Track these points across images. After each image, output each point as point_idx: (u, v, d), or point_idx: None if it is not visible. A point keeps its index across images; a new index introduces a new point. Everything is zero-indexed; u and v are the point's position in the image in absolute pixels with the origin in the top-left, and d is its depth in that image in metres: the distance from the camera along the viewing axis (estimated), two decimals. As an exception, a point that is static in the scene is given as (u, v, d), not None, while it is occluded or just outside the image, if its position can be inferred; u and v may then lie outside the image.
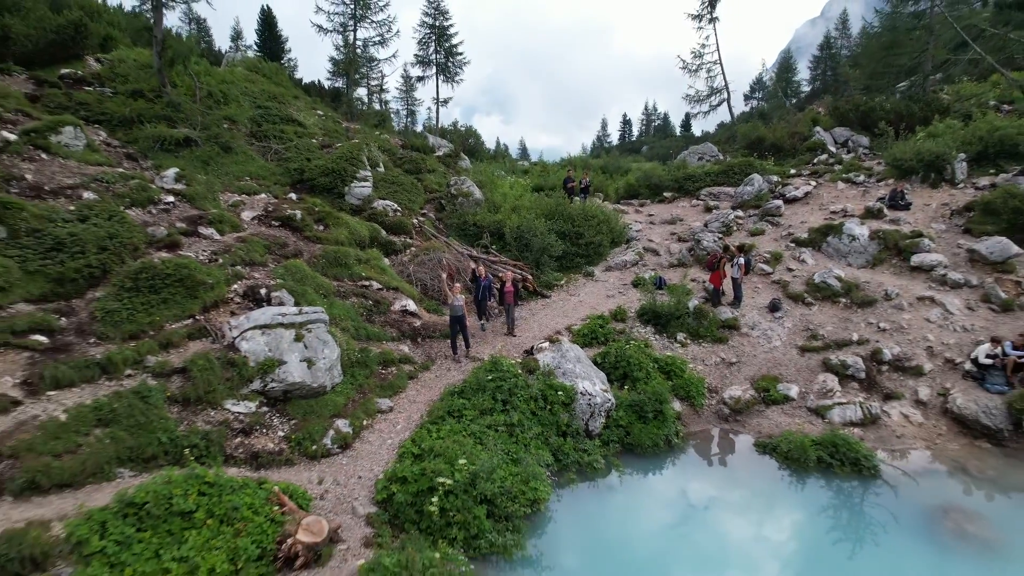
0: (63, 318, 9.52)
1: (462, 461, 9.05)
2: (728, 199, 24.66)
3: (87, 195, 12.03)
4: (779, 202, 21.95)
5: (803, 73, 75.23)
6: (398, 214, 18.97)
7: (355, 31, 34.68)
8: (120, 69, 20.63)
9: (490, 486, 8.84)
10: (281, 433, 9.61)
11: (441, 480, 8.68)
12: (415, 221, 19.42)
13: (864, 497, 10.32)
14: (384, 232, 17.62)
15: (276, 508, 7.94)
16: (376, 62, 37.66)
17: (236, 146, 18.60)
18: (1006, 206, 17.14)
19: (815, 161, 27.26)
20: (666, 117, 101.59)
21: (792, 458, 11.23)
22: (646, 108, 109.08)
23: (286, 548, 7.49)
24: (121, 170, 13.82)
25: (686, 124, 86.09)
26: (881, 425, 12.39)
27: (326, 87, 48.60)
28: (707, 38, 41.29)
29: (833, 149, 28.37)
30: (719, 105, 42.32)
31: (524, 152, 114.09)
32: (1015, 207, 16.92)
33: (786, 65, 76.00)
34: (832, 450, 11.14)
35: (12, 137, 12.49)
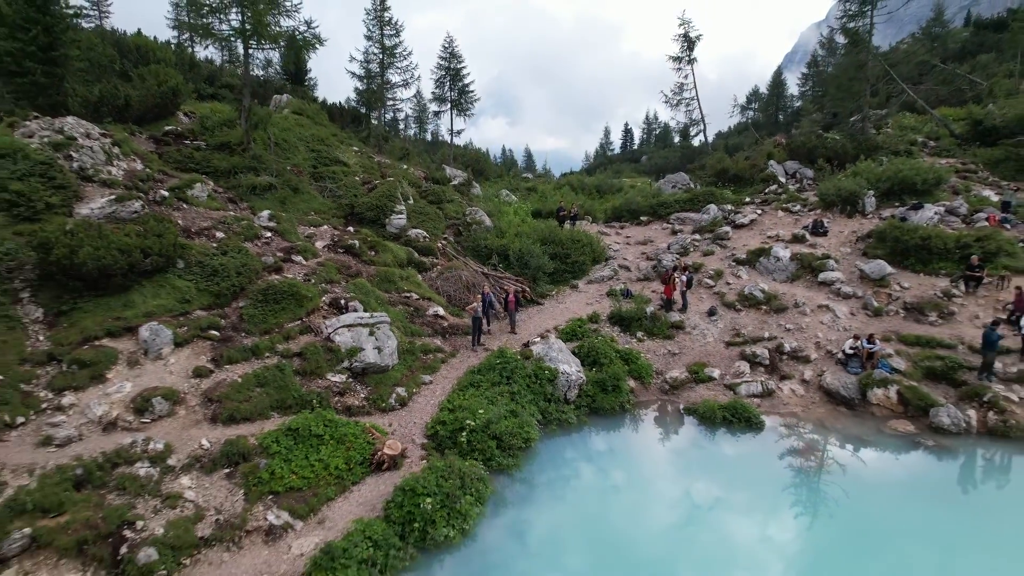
0: (223, 320, 14.22)
1: (480, 412, 13.66)
2: (691, 224, 29.19)
3: (219, 234, 16.77)
4: (728, 228, 26.50)
5: (798, 85, 78.16)
6: (426, 239, 23.61)
7: (383, 76, 39.51)
8: (208, 124, 25.47)
9: (498, 427, 13.43)
10: (363, 395, 14.26)
11: (468, 423, 13.29)
12: (439, 245, 24.08)
13: (749, 441, 14.86)
14: (417, 254, 22.28)
15: (368, 436, 12.59)
16: (399, 101, 42.52)
17: (302, 187, 23.33)
18: (890, 235, 21.68)
19: (767, 191, 31.77)
20: (666, 127, 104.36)
21: (706, 417, 15.77)
22: (647, 118, 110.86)
23: (377, 458, 12.13)
24: (233, 213, 18.59)
25: (684, 134, 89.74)
26: (775, 397, 16.88)
27: (347, 107, 53.34)
28: (686, 77, 45.88)
29: (783, 180, 32.83)
30: (697, 135, 46.87)
31: (529, 158, 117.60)
32: (895, 236, 21.45)
33: (777, 82, 79.86)
34: (733, 412, 15.65)
35: (166, 193, 17.28)
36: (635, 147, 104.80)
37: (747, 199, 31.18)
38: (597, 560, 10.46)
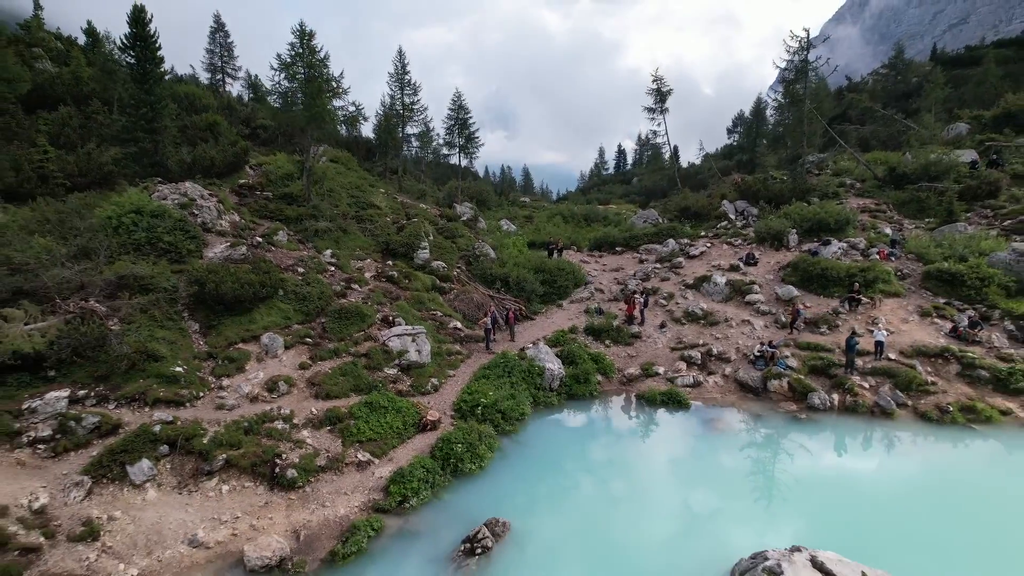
0: (312, 331, 19.79)
1: (490, 394, 19.16)
2: (655, 254, 34.89)
3: (300, 270, 22.40)
4: (682, 259, 32.22)
5: (773, 115, 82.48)
6: (445, 269, 29.25)
7: (403, 128, 45.69)
8: (271, 177, 31.27)
9: (502, 405, 18.90)
10: (408, 383, 19.76)
11: (481, 401, 18.78)
12: (455, 273, 29.72)
13: (678, 415, 20.36)
14: (438, 281, 27.89)
15: (416, 408, 18.07)
16: (414, 146, 48.71)
17: (349, 229, 29.03)
18: (801, 266, 27.41)
19: (718, 227, 37.55)
20: (656, 148, 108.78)
21: (650, 400, 21.25)
22: (639, 139, 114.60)
23: (422, 422, 17.61)
24: (307, 253, 24.24)
25: (675, 156, 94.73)
26: (702, 387, 22.38)
27: (361, 140, 59.05)
28: (659, 125, 52.09)
29: (732, 217, 38.65)
30: (671, 174, 52.83)
31: (527, 177, 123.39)
32: (804, 267, 27.17)
33: (758, 110, 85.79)
34: (669, 396, 21.16)
35: (260, 239, 22.95)
36: (628, 167, 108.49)
37: (702, 233, 36.96)
38: (567, 484, 15.96)
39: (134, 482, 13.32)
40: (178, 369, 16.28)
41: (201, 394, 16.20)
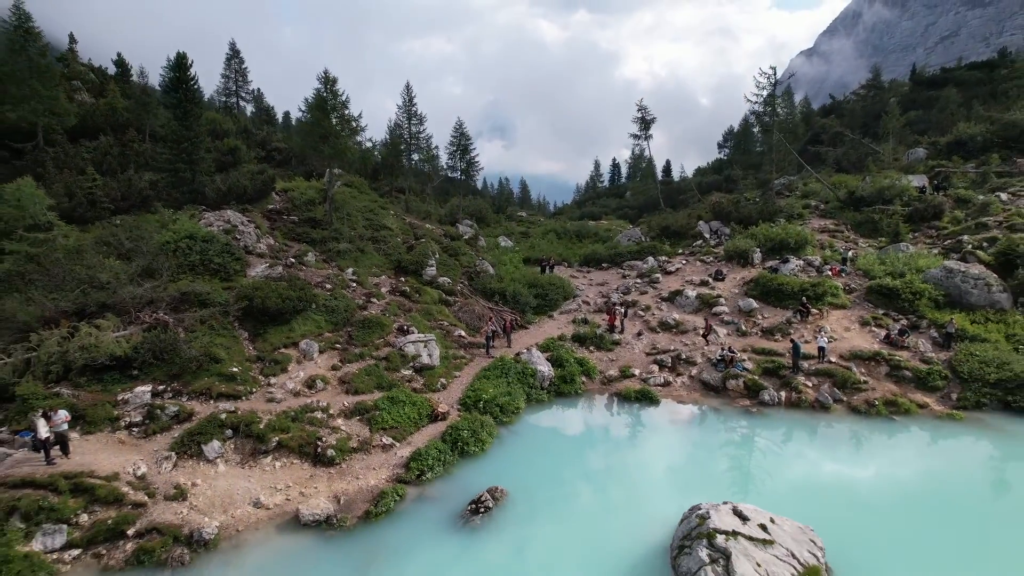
0: (341, 339, 23.01)
1: (490, 391, 22.34)
2: (637, 270, 38.24)
3: (328, 286, 25.66)
4: (660, 274, 35.58)
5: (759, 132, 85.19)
6: (449, 284, 32.52)
7: (410, 155, 49.25)
8: (296, 203, 34.61)
9: (501, 401, 22.07)
10: (421, 382, 22.93)
11: (483, 397, 21.95)
12: (458, 287, 33.00)
13: (650, 410, 23.57)
14: (444, 295, 31.14)
15: (429, 402, 21.25)
16: (417, 161, 52.36)
17: (366, 249, 32.33)
18: (761, 281, 30.79)
19: (694, 245, 40.99)
20: (650, 162, 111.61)
21: (626, 397, 24.45)
22: (632, 153, 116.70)
23: (434, 413, 20.78)
24: (332, 271, 27.51)
25: (667, 170, 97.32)
26: (671, 386, 25.60)
27: (369, 160, 62.29)
28: (643, 151, 55.77)
29: (707, 236, 42.09)
30: (653, 195, 56.42)
31: (525, 190, 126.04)
32: (763, 283, 30.55)
33: (746, 127, 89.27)
34: (641, 394, 24.35)
35: (292, 260, 26.20)
36: (623, 179, 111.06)
37: (680, 251, 40.37)
38: (554, 463, 19.14)
39: (208, 458, 16.46)
40: (234, 369, 19.47)
41: (254, 390, 19.39)
